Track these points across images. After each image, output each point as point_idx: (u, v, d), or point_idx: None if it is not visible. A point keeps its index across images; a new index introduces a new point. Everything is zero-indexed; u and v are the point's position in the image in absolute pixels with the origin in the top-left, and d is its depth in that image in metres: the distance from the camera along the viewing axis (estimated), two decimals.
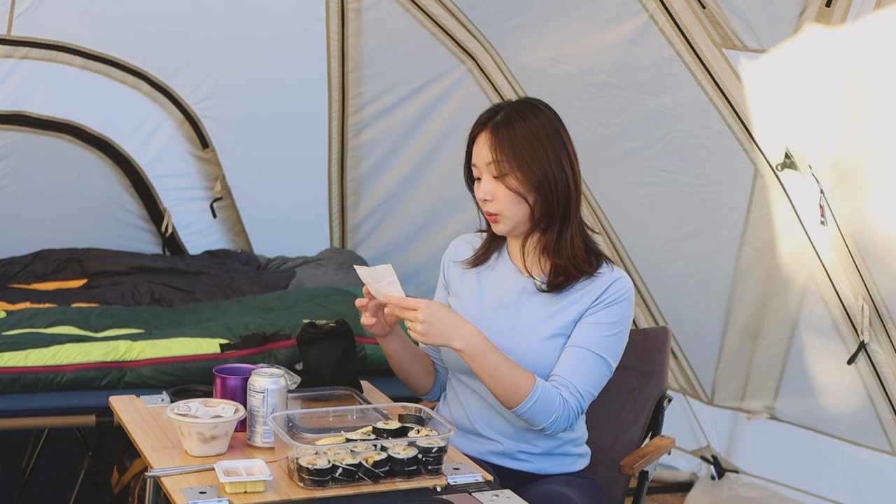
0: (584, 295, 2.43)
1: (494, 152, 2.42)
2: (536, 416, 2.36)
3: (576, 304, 2.43)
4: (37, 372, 3.15)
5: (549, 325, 2.43)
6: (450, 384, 2.58)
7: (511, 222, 2.44)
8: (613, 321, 2.42)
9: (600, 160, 3.94)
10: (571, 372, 2.38)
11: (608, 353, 2.42)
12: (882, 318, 3.35)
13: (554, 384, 2.37)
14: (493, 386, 2.35)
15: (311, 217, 4.69)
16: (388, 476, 2.12)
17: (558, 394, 2.36)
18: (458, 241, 2.65)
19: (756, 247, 3.64)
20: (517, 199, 2.42)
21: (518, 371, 2.35)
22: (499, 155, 2.41)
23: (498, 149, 2.41)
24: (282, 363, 3.30)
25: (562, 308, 2.44)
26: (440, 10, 4.10)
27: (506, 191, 2.41)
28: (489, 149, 2.43)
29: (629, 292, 2.44)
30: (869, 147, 3.09)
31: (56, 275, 4.19)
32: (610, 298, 2.42)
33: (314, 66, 4.29)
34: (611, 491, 2.69)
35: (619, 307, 2.42)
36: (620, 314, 2.43)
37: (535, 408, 2.34)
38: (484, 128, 2.45)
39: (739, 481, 4.07)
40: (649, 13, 3.41)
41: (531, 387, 2.34)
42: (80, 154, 4.29)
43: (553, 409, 2.35)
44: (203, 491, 2.05)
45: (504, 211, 2.43)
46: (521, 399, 2.34)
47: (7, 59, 3.91)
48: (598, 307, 2.42)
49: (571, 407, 2.38)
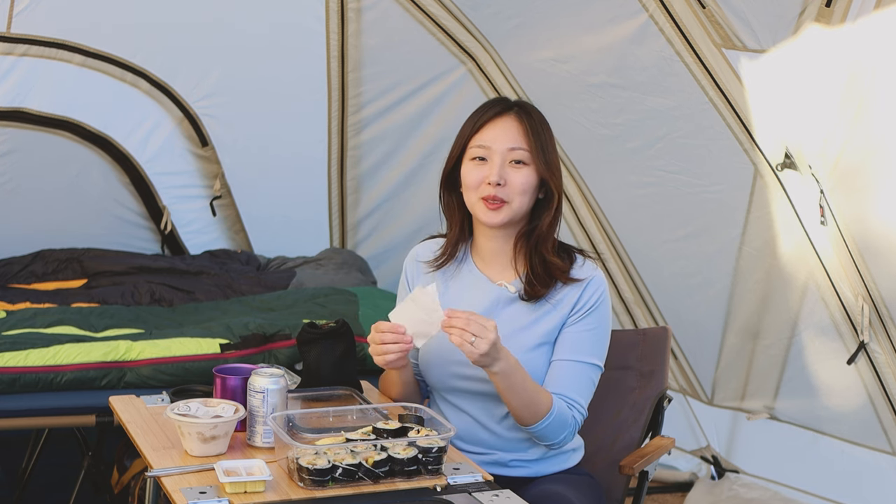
0: (562, 299, 2.41)
1: (526, 139, 2.38)
2: (550, 434, 2.38)
3: (555, 311, 2.41)
4: (37, 372, 3.15)
5: (532, 335, 2.41)
6: (434, 404, 2.54)
7: (512, 212, 2.39)
8: (595, 327, 2.42)
9: (600, 160, 3.94)
10: (573, 390, 2.39)
11: (598, 357, 2.43)
12: (882, 318, 3.35)
13: (567, 405, 2.38)
14: (517, 404, 2.33)
15: (311, 216, 4.69)
16: (388, 476, 2.12)
17: (571, 415, 2.38)
18: (418, 247, 2.58)
19: (756, 247, 3.64)
20: (530, 190, 2.38)
21: (539, 389, 2.35)
22: (529, 143, 2.37)
23: (531, 135, 2.37)
24: (282, 363, 3.30)
25: (541, 316, 2.42)
26: (440, 10, 4.10)
27: (522, 179, 2.37)
28: (520, 134, 2.38)
29: (604, 292, 2.43)
30: (869, 147, 3.09)
31: (56, 275, 4.19)
32: (588, 305, 2.41)
33: (314, 65, 4.29)
34: (611, 491, 2.69)
35: (598, 313, 2.42)
36: (600, 318, 2.43)
37: (550, 427, 2.36)
38: (510, 111, 2.41)
39: (739, 481, 4.07)
40: (649, 13, 3.40)
41: (549, 406, 2.34)
42: (80, 151, 4.29)
43: (565, 427, 2.38)
44: (203, 491, 2.05)
45: (513, 199, 2.38)
46: (540, 417, 2.34)
47: (7, 56, 3.92)
48: (577, 316, 2.41)
49: (577, 423, 2.41)
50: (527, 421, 2.36)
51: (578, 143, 3.93)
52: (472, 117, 2.44)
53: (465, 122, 2.46)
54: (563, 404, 2.37)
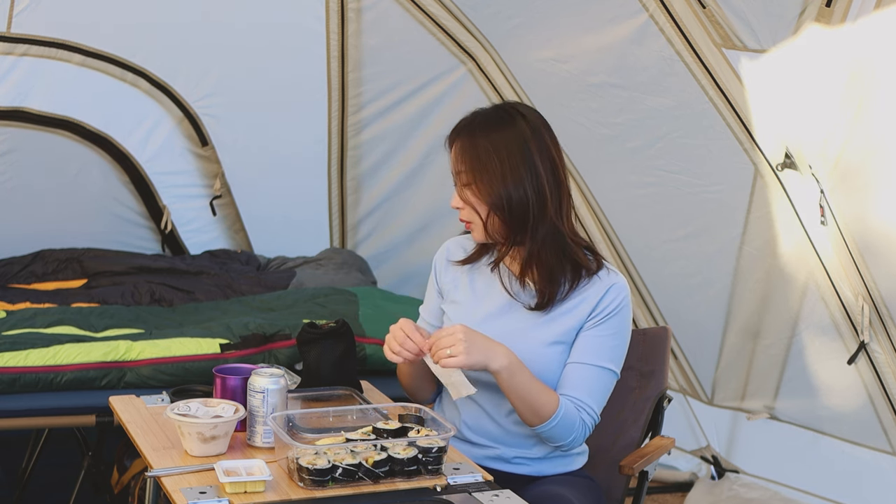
0: (580, 302, 2.40)
1: (457, 162, 2.40)
2: (557, 436, 2.37)
3: (574, 311, 2.40)
4: (37, 372, 3.15)
5: (547, 332, 2.41)
6: (445, 392, 2.54)
7: (482, 230, 2.40)
8: (614, 332, 2.41)
9: (600, 160, 3.94)
10: (585, 392, 2.38)
11: (615, 363, 2.42)
12: (882, 318, 3.35)
13: (574, 407, 2.38)
14: (521, 405, 2.34)
15: (311, 216, 4.69)
16: (388, 476, 2.12)
17: (578, 416, 2.37)
18: (449, 243, 2.59)
19: (756, 247, 3.64)
20: (483, 206, 2.38)
21: (544, 390, 2.34)
22: (460, 165, 2.39)
23: (461, 159, 2.39)
24: (282, 363, 3.30)
25: (558, 315, 2.41)
26: (440, 10, 4.10)
27: (470, 198, 2.39)
28: (454, 158, 2.41)
29: (626, 299, 2.41)
30: (869, 147, 3.09)
31: (56, 275, 4.19)
32: (609, 309, 2.39)
33: (314, 65, 4.29)
34: (611, 491, 2.69)
35: (617, 319, 2.40)
36: (620, 324, 2.41)
37: (557, 428, 2.35)
38: (455, 135, 2.42)
39: (739, 481, 4.07)
40: (649, 13, 3.40)
41: (555, 407, 2.34)
42: (80, 150, 4.29)
43: (573, 429, 2.37)
44: (203, 491, 2.05)
45: (473, 218, 2.40)
46: (546, 419, 2.34)
47: (7, 55, 3.92)
48: (597, 318, 2.39)
49: (588, 426, 2.40)
50: (531, 422, 2.36)
51: (578, 143, 3.93)
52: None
53: None
54: (570, 406, 2.36)
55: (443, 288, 2.55)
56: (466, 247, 2.55)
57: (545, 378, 2.38)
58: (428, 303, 2.59)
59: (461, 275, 2.52)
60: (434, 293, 2.57)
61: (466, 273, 2.52)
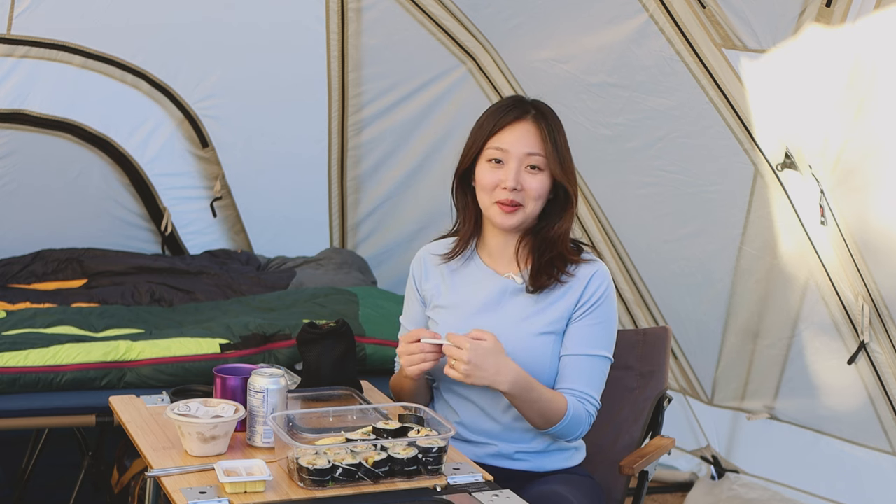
0: (566, 291, 2.43)
1: (543, 144, 2.40)
2: (565, 433, 2.41)
3: (561, 301, 2.43)
4: (37, 372, 3.15)
5: (537, 323, 2.43)
6: (439, 393, 2.55)
7: (525, 216, 2.42)
8: (603, 320, 2.45)
9: (600, 160, 3.94)
10: (584, 383, 2.41)
11: (607, 348, 2.46)
12: (882, 318, 3.35)
13: (579, 401, 2.40)
14: (532, 415, 2.38)
15: (311, 216, 4.69)
16: (388, 476, 2.12)
17: (585, 410, 2.41)
18: (422, 252, 2.60)
19: (756, 247, 3.64)
20: (545, 194, 2.42)
21: (553, 398, 2.37)
22: (546, 149, 2.40)
23: (548, 141, 2.40)
24: (282, 363, 3.30)
25: (546, 306, 2.44)
26: (440, 10, 4.10)
27: (537, 185, 2.40)
28: (537, 139, 2.40)
29: (608, 285, 2.45)
30: (869, 147, 3.09)
31: (56, 275, 4.19)
32: (595, 298, 2.43)
33: (314, 65, 4.29)
34: (611, 491, 2.69)
35: (604, 306, 2.44)
36: (607, 311, 2.45)
37: (567, 427, 2.39)
38: (528, 115, 2.42)
39: (739, 481, 4.07)
40: (649, 13, 3.40)
41: (564, 410, 2.38)
42: (80, 152, 4.29)
43: (581, 424, 2.41)
44: (203, 491, 2.05)
45: (528, 204, 2.41)
46: (555, 422, 2.38)
47: (7, 58, 3.92)
48: (583, 310, 2.43)
49: (592, 416, 2.44)
50: (542, 427, 2.40)
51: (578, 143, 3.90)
52: (489, 117, 2.45)
53: (482, 121, 2.46)
54: (577, 402, 2.40)
55: (425, 296, 2.56)
56: (441, 252, 2.56)
57: (539, 368, 2.41)
58: (409, 312, 2.59)
59: (441, 281, 2.53)
60: (415, 302, 2.58)
61: (447, 277, 2.53)
